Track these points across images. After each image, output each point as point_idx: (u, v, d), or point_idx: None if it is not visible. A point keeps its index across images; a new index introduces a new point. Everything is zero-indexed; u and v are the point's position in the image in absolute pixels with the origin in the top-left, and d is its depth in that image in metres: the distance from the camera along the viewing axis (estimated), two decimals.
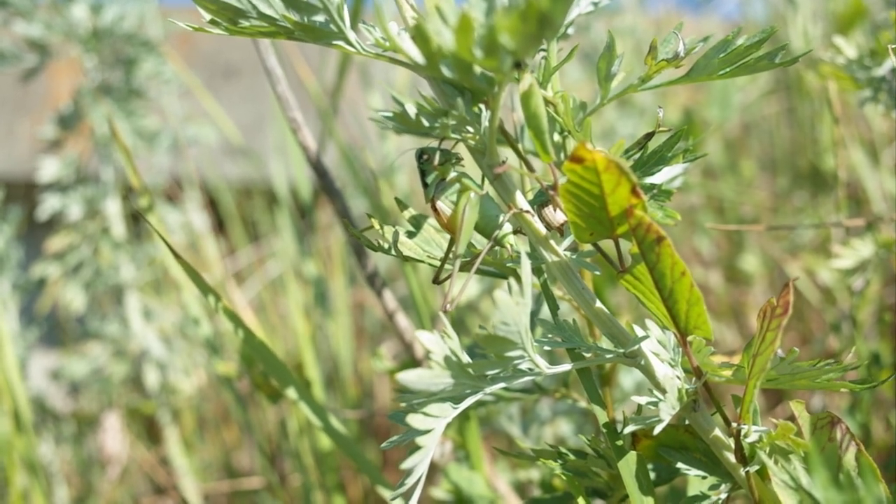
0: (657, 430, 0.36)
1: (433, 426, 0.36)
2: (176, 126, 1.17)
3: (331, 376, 1.20)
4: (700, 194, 1.42)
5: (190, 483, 1.08)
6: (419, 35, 0.30)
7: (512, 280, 0.34)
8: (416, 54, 0.32)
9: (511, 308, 0.33)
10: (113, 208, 1.08)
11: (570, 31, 0.47)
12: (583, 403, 0.52)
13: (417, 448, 0.35)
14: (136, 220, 1.27)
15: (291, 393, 0.55)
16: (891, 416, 0.88)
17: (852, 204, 1.34)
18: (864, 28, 1.24)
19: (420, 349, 0.64)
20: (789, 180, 1.51)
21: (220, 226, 1.78)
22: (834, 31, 1.30)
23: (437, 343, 0.34)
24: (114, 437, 1.13)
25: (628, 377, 0.76)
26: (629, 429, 0.37)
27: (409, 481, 0.36)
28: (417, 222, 0.46)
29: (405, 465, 0.35)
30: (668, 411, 0.36)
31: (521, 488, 0.75)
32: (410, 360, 0.65)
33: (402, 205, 0.46)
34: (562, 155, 0.46)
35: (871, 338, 1.04)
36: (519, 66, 0.30)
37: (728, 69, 0.43)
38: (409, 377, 0.33)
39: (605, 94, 0.44)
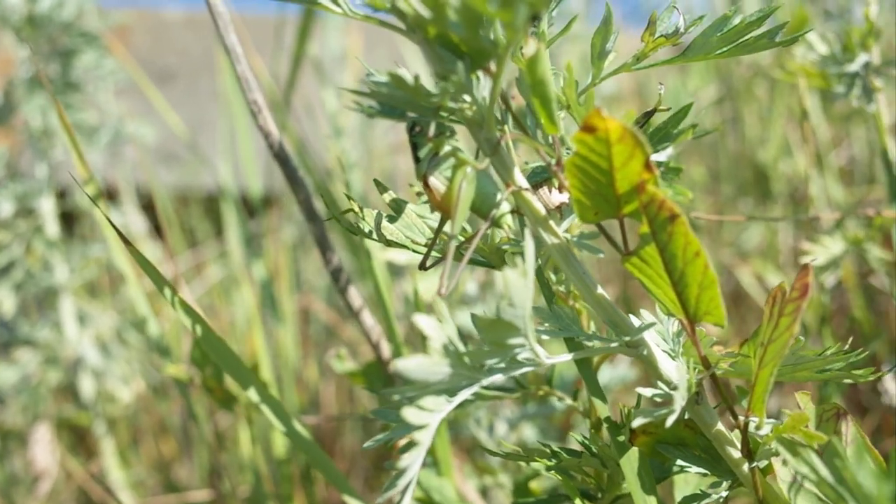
0: (669, 421, 0.34)
1: (428, 421, 0.32)
2: (114, 123, 1.11)
3: (276, 383, 1.16)
4: None
5: (127, 498, 1.02)
6: None
7: (518, 259, 0.31)
8: (421, 8, 0.29)
9: (520, 288, 0.30)
10: (47, 206, 1.02)
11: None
12: (568, 401, 0.50)
13: (412, 445, 0.32)
14: (67, 220, 1.20)
15: (253, 395, 0.51)
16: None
17: (797, 209, 1.36)
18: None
19: (386, 350, 0.61)
20: (734, 188, 1.52)
21: (156, 231, 1.72)
22: None
23: (437, 328, 0.31)
24: (44, 449, 1.06)
25: (602, 374, 0.74)
26: (637, 422, 0.35)
27: (402, 482, 0.33)
28: (398, 206, 0.43)
29: (402, 462, 0.31)
30: (680, 402, 0.34)
31: (485, 493, 0.72)
32: (377, 360, 0.62)
33: (381, 187, 0.42)
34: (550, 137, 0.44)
35: (817, 343, 1.05)
36: (535, 18, 0.28)
37: (726, 48, 0.41)
38: (407, 365, 0.30)
39: (598, 73, 0.41)
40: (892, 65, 0.64)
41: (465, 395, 0.34)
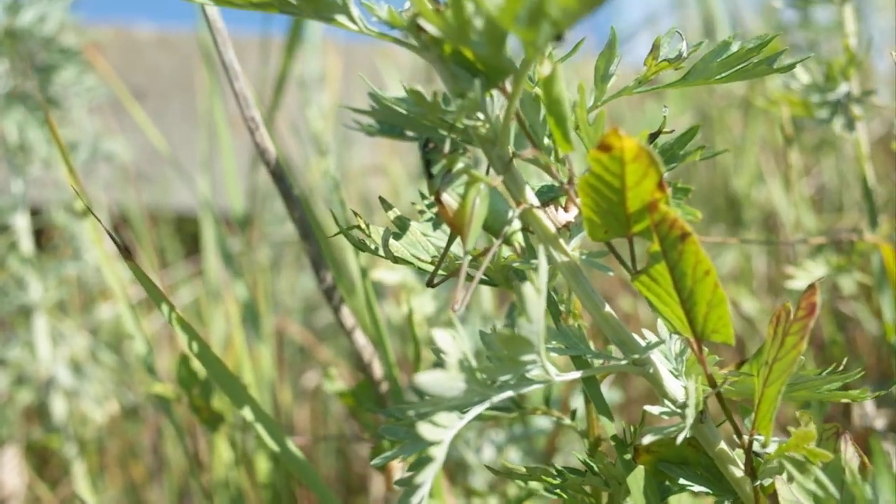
0: (679, 438, 0.34)
1: (443, 437, 0.32)
2: (91, 141, 1.10)
3: None
4: None
5: None
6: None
7: (532, 274, 0.31)
8: (442, 25, 0.29)
9: (536, 304, 0.31)
10: (22, 223, 1.00)
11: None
12: (567, 420, 0.50)
13: (426, 461, 0.32)
14: (37, 237, 1.18)
15: (248, 413, 0.50)
16: None
17: (769, 235, 1.38)
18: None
19: (378, 370, 0.61)
20: (707, 214, 1.54)
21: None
22: None
23: (452, 344, 0.31)
24: (12, 472, 1.03)
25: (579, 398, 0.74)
26: (647, 439, 0.35)
27: (415, 499, 0.32)
28: (403, 224, 0.43)
29: (417, 479, 0.31)
30: (690, 420, 0.34)
31: None
32: (367, 380, 0.61)
33: (386, 204, 0.42)
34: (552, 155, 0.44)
35: None
36: (559, 38, 0.28)
37: (726, 73, 0.42)
38: (425, 380, 0.30)
39: (601, 96, 0.42)
40: (871, 94, 0.66)
41: (476, 411, 0.34)
